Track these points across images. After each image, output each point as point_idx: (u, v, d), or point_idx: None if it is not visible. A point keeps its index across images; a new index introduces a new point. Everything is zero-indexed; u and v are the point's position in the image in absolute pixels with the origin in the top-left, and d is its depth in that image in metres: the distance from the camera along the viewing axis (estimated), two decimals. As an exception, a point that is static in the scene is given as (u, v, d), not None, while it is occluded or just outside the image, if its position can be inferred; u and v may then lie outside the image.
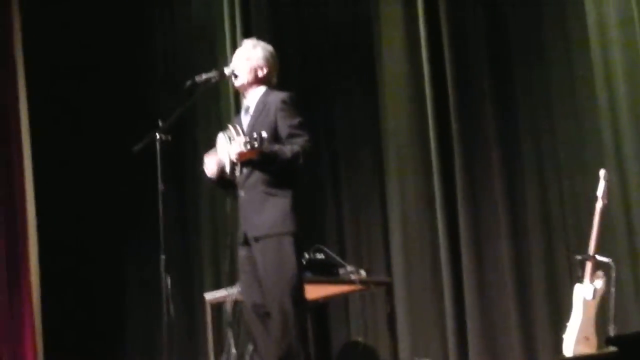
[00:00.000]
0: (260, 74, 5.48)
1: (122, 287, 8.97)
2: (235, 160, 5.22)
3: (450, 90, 7.11)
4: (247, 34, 7.52)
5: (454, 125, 7.07)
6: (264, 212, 5.26)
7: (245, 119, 5.46)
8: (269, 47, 5.56)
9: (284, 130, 5.30)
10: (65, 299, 8.79)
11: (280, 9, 8.21)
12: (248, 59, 5.47)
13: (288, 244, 5.25)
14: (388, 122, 7.58)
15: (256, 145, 5.07)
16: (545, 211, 6.72)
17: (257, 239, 5.26)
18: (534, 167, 6.80)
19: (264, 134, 5.11)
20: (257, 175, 5.29)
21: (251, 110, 5.45)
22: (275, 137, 5.28)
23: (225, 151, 5.33)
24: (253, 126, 5.35)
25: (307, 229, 5.47)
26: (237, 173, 5.31)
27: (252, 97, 5.48)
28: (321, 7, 7.97)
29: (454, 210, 7.06)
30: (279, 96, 5.38)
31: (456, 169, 7.06)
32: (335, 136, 7.87)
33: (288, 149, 5.23)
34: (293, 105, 5.37)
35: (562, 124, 6.68)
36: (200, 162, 5.59)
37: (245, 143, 5.09)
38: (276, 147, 5.22)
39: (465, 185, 7.03)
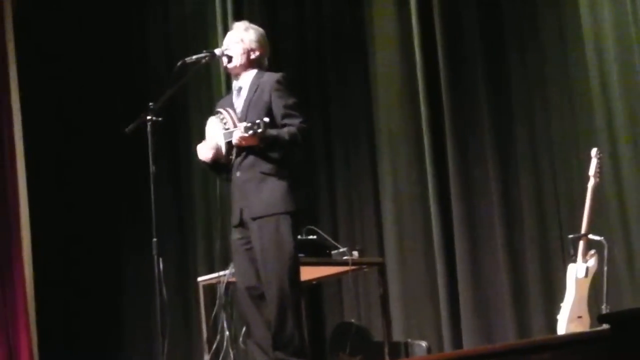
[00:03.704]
0: (253, 56, 5.46)
1: (117, 273, 8.96)
2: (236, 145, 5.22)
3: (442, 72, 7.12)
4: (238, 17, 7.51)
5: (447, 106, 7.08)
6: (262, 193, 5.25)
7: (238, 101, 5.44)
8: (261, 30, 5.56)
9: (279, 111, 5.30)
10: (58, 286, 8.78)
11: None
12: (241, 41, 5.46)
13: (286, 224, 5.25)
14: (380, 103, 7.59)
15: (259, 131, 5.08)
16: (538, 190, 6.72)
17: (255, 219, 5.26)
18: (526, 146, 6.80)
19: (267, 120, 5.12)
20: (253, 156, 5.28)
21: (244, 92, 5.43)
22: (270, 117, 5.27)
23: (219, 135, 5.32)
24: (247, 107, 5.35)
25: (301, 209, 5.47)
26: (233, 156, 5.30)
27: (244, 79, 5.46)
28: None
29: (446, 191, 7.06)
30: (273, 77, 5.38)
31: (448, 150, 7.06)
32: (329, 118, 7.88)
33: (285, 132, 5.24)
34: (287, 86, 5.37)
35: (555, 103, 6.68)
36: (193, 145, 5.58)
37: (247, 129, 5.09)
38: (275, 131, 5.22)
39: (458, 166, 7.03)
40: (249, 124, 5.10)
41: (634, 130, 6.23)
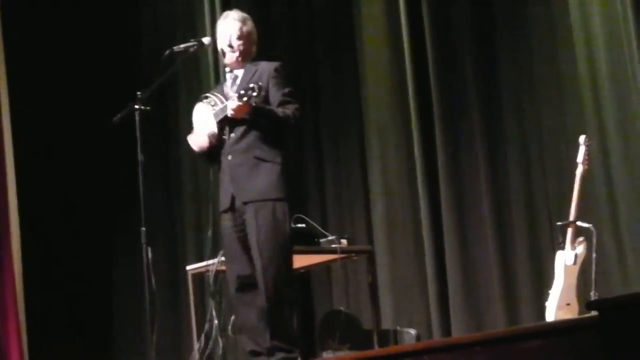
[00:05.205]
0: (254, 48, 5.49)
1: (107, 263, 8.94)
2: (231, 116, 5.20)
3: (430, 62, 7.12)
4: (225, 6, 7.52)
5: (435, 95, 7.08)
6: (256, 177, 5.24)
7: (234, 88, 5.39)
8: (250, 18, 5.56)
9: (276, 98, 5.31)
10: (48, 277, 8.76)
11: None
12: (249, 34, 5.46)
13: (282, 210, 5.23)
14: (369, 94, 7.61)
15: (254, 94, 5.04)
16: (526, 178, 6.73)
17: (248, 204, 5.23)
18: (515, 135, 6.81)
19: (260, 84, 5.12)
20: (247, 140, 5.28)
21: (239, 81, 5.42)
22: (266, 104, 5.28)
23: (210, 117, 5.31)
24: None
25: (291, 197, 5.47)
26: (226, 136, 5.29)
27: (239, 69, 5.46)
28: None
29: (435, 178, 7.07)
30: (271, 65, 5.39)
31: (437, 138, 7.07)
32: (319, 106, 7.88)
33: (280, 111, 5.25)
34: (284, 75, 5.40)
35: (544, 95, 6.69)
36: (182, 135, 5.56)
37: (242, 96, 5.07)
38: (269, 107, 5.25)
39: (446, 154, 7.04)
40: (243, 91, 5.07)
41: (622, 119, 6.23)
